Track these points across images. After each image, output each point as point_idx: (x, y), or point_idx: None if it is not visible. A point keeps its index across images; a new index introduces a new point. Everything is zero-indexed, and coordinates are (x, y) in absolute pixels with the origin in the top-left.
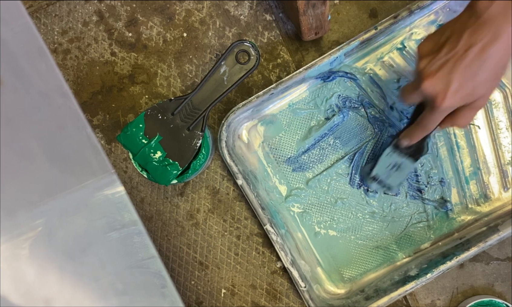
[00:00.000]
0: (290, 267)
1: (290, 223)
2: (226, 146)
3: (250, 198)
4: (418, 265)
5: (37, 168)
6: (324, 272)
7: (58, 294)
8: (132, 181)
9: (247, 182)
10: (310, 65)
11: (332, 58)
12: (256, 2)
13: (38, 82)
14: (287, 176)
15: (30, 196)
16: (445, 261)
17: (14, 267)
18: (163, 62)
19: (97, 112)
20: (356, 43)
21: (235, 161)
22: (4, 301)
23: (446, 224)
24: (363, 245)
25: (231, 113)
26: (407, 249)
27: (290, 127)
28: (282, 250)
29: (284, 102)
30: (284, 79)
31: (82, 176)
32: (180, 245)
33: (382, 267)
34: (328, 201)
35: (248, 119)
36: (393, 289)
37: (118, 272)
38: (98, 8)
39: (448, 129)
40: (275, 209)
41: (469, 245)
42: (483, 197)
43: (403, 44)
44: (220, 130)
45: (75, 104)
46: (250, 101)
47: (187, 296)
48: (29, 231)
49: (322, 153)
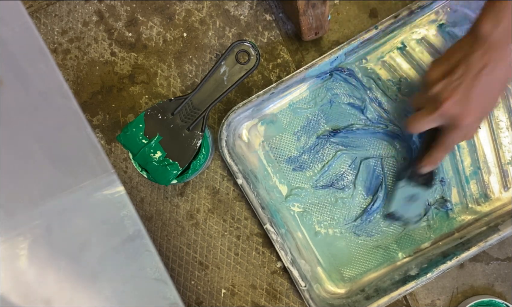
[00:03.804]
0: (290, 266)
1: (290, 223)
2: (226, 146)
3: (250, 198)
4: (418, 264)
5: (37, 168)
6: (324, 272)
7: (58, 294)
8: (132, 181)
9: (247, 181)
10: (311, 64)
11: (332, 58)
12: (256, 2)
13: (38, 82)
14: (288, 175)
15: (30, 196)
16: (445, 260)
17: (14, 267)
18: (163, 62)
19: (97, 112)
20: (357, 43)
21: (235, 160)
22: (4, 301)
23: (446, 223)
24: (363, 245)
25: (232, 112)
26: (407, 248)
27: (291, 127)
28: (282, 250)
29: (284, 102)
30: (284, 79)
31: (82, 176)
32: (180, 245)
33: (382, 267)
34: (329, 200)
35: (249, 119)
36: (393, 289)
37: (118, 272)
38: (98, 8)
39: None
40: (275, 209)
41: (470, 244)
42: (484, 197)
43: (404, 43)
44: (220, 130)
45: (75, 104)
46: (250, 101)
47: (187, 296)
48: (29, 231)
49: (323, 153)
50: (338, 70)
